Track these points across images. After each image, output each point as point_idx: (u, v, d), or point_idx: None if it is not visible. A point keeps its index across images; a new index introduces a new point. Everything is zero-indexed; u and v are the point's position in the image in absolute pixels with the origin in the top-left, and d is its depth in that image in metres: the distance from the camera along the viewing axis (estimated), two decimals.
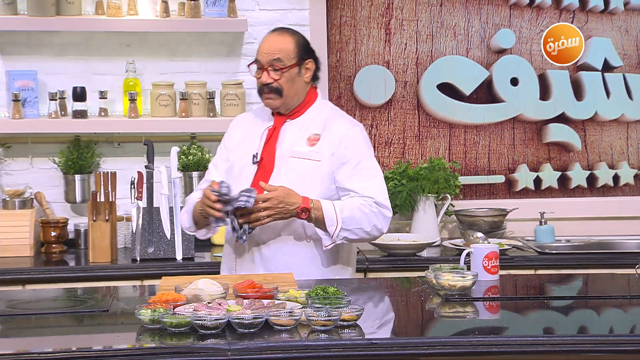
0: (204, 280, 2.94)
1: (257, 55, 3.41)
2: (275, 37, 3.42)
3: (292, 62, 3.37)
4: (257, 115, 3.53)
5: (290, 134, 3.41)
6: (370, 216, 3.31)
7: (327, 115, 3.45)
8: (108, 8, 4.41)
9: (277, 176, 3.36)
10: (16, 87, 4.36)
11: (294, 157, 3.37)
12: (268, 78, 3.37)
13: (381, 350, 2.50)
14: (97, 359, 2.46)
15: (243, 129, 3.51)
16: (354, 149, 3.38)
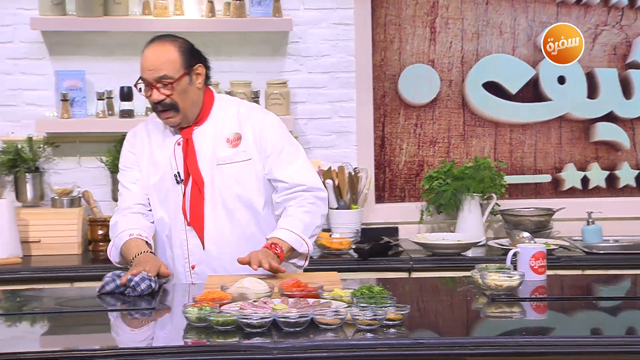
0: (249, 278, 2.96)
1: (141, 73, 3.18)
2: (155, 50, 3.18)
3: (180, 73, 3.16)
4: (158, 130, 3.30)
5: (207, 142, 3.26)
6: (314, 211, 3.28)
7: (236, 111, 3.31)
8: (155, 8, 4.44)
9: (211, 189, 3.23)
10: (64, 87, 4.41)
11: (221, 164, 3.25)
12: (159, 95, 3.16)
13: (427, 350, 2.48)
14: (144, 356, 2.48)
15: (148, 147, 3.29)
16: (274, 138, 3.29)
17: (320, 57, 4.67)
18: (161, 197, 3.28)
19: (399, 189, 4.77)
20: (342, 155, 4.70)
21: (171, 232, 3.29)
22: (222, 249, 3.25)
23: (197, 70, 3.23)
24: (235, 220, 3.27)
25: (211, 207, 3.25)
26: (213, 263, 3.26)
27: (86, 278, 4.02)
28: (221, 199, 3.25)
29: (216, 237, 3.25)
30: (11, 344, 2.63)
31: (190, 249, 3.26)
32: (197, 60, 3.24)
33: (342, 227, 4.50)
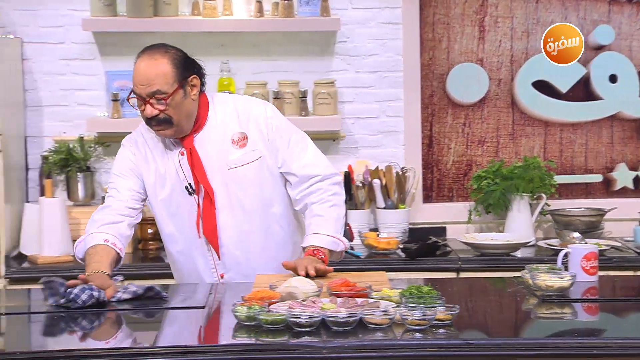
0: (298, 278, 2.96)
1: (133, 87, 3.07)
2: (147, 64, 3.05)
3: (173, 87, 3.04)
4: (156, 141, 3.19)
5: (211, 148, 3.17)
6: (338, 202, 3.25)
7: (233, 107, 3.21)
8: (204, 9, 4.47)
9: (227, 194, 3.17)
10: (115, 87, 4.46)
11: (233, 168, 3.17)
12: (153, 111, 3.05)
13: (477, 351, 2.46)
14: (194, 354, 2.50)
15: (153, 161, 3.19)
16: (279, 129, 3.22)
17: (368, 57, 4.66)
18: (172, 212, 3.21)
19: (446, 189, 4.75)
20: (389, 154, 4.69)
21: (189, 245, 3.23)
22: (248, 252, 3.23)
23: (192, 82, 3.12)
24: (256, 222, 3.23)
25: (230, 213, 3.19)
26: (241, 268, 3.24)
27: (136, 276, 4.04)
28: (239, 203, 3.20)
29: (241, 242, 3.22)
30: (64, 341, 2.67)
31: (216, 258, 3.23)
32: (191, 72, 3.12)
33: (389, 226, 4.49)
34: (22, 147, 4.51)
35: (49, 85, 4.54)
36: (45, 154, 4.49)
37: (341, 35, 4.62)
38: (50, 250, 4.16)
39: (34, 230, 4.23)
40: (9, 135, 4.23)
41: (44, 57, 4.53)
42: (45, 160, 4.48)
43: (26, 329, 2.80)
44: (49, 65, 4.53)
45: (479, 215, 4.66)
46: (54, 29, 4.52)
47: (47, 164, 4.45)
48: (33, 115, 4.56)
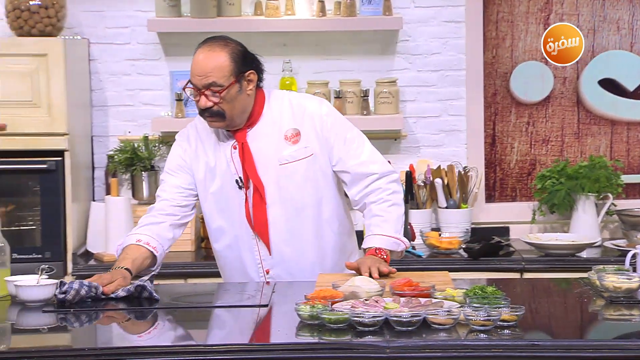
0: (360, 277, 2.96)
1: (191, 77, 3.08)
2: (205, 56, 3.05)
3: (229, 81, 3.05)
4: (209, 133, 3.19)
5: (264, 143, 3.16)
6: (396, 200, 3.22)
7: (289, 104, 3.19)
8: (266, 8, 4.50)
9: (277, 189, 3.16)
10: (179, 87, 4.50)
11: (284, 163, 3.16)
12: (207, 102, 3.06)
13: (544, 353, 2.43)
14: (257, 352, 2.51)
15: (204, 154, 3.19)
16: (334, 126, 3.20)
17: (430, 55, 4.64)
18: (221, 206, 3.20)
19: (509, 188, 4.70)
20: (451, 154, 4.66)
21: (236, 240, 3.23)
22: (296, 249, 3.22)
23: (249, 77, 3.12)
24: (306, 219, 3.22)
25: (281, 209, 3.19)
26: (288, 265, 3.23)
27: (200, 274, 4.10)
28: (290, 199, 3.19)
29: (289, 238, 3.21)
30: (127, 338, 2.70)
31: (263, 254, 3.23)
32: (249, 67, 3.12)
33: (451, 226, 4.46)
34: (88, 147, 4.58)
35: (115, 86, 4.61)
36: (111, 153, 4.56)
37: (403, 34, 4.61)
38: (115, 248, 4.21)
39: (100, 228, 4.29)
40: (76, 135, 4.31)
41: (110, 58, 4.60)
42: (110, 160, 4.55)
43: (92, 326, 2.84)
44: (115, 65, 4.60)
45: (543, 215, 4.60)
46: (120, 30, 4.59)
47: (113, 163, 4.51)
48: (99, 115, 4.63)
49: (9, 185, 4.19)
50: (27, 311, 2.90)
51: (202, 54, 3.08)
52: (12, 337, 2.73)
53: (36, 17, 4.20)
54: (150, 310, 2.92)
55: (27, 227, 4.19)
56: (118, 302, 2.95)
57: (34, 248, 4.16)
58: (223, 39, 3.14)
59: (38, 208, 4.17)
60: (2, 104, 4.12)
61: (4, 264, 3.09)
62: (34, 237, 4.18)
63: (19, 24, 4.21)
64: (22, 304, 2.95)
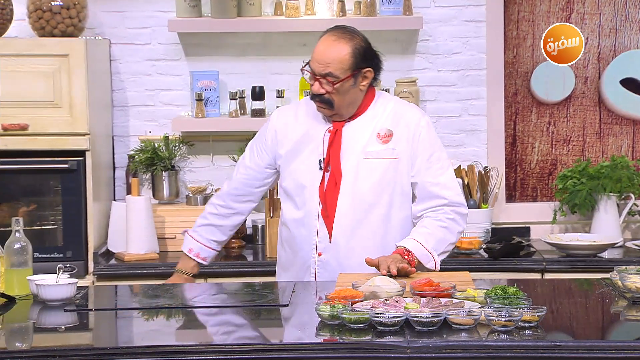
0: (381, 277, 2.95)
1: (311, 61, 3.17)
2: (329, 44, 3.14)
3: (346, 74, 3.13)
4: (307, 113, 3.29)
5: (358, 134, 3.23)
6: (451, 227, 3.24)
7: (392, 107, 3.27)
8: (286, 9, 4.50)
9: (353, 181, 3.21)
10: (199, 87, 4.51)
11: (369, 158, 3.22)
12: (319, 89, 3.16)
13: (565, 353, 2.42)
14: (278, 351, 2.51)
15: (295, 129, 3.30)
16: (427, 140, 3.24)
17: (451, 55, 4.62)
18: (300, 180, 3.27)
19: (530, 188, 4.68)
20: (471, 153, 4.65)
21: (302, 217, 3.28)
22: (351, 242, 3.24)
23: (365, 74, 3.20)
24: (370, 216, 3.24)
25: (350, 198, 3.23)
26: (339, 254, 3.25)
27: (219, 274, 4.11)
28: (361, 192, 3.23)
29: (348, 229, 3.24)
30: (148, 337, 2.71)
31: (320, 237, 3.26)
32: (368, 64, 3.19)
33: (472, 226, 4.44)
34: (109, 147, 4.60)
35: (136, 86, 4.63)
36: (132, 153, 4.57)
37: (423, 34, 4.60)
38: (136, 248, 4.24)
39: (121, 228, 4.31)
40: (97, 135, 4.32)
41: (131, 58, 4.61)
42: (131, 159, 4.56)
43: (113, 325, 2.85)
44: (136, 65, 4.62)
45: (564, 215, 4.58)
46: (140, 30, 4.60)
47: (133, 162, 4.53)
48: (120, 115, 4.65)
49: (31, 185, 4.21)
50: (49, 310, 2.92)
51: (326, 42, 3.16)
52: (34, 336, 2.74)
53: (58, 17, 4.22)
54: (172, 309, 2.93)
55: (48, 226, 4.21)
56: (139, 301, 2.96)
57: (56, 247, 4.18)
58: (350, 32, 3.20)
59: (59, 208, 4.19)
60: (24, 104, 4.14)
61: (26, 263, 3.11)
62: (56, 237, 4.20)
63: (41, 25, 4.24)
64: (44, 302, 2.97)
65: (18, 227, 3.09)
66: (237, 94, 4.54)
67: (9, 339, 2.71)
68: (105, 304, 3.10)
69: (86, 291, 3.16)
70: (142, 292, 3.24)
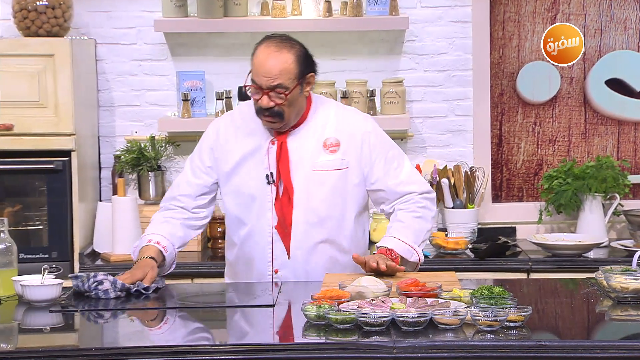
0: (367, 277, 2.96)
1: (253, 76, 3.07)
2: (273, 56, 3.05)
3: (294, 83, 3.07)
4: (246, 122, 3.21)
5: (304, 145, 3.17)
6: (425, 215, 3.24)
7: (334, 114, 3.22)
8: (273, 9, 4.50)
9: (305, 194, 3.15)
10: (185, 87, 4.51)
11: (318, 169, 3.17)
12: (269, 102, 3.07)
13: (551, 353, 2.43)
14: (264, 352, 2.51)
15: (236, 143, 3.20)
16: (377, 144, 3.22)
17: (437, 55, 4.63)
18: (244, 197, 3.19)
19: (516, 189, 4.70)
20: (458, 154, 4.66)
21: (252, 233, 3.22)
22: (308, 255, 3.21)
23: (309, 79, 3.15)
24: (324, 228, 3.21)
25: (302, 212, 3.18)
26: (297, 268, 3.22)
27: (206, 274, 4.11)
28: (313, 205, 3.19)
29: (304, 243, 3.20)
30: (134, 338, 2.71)
31: (276, 253, 3.22)
32: (310, 69, 3.15)
33: (458, 226, 4.46)
34: (95, 147, 4.59)
35: (122, 86, 4.62)
36: (118, 153, 4.56)
37: (410, 34, 4.60)
38: (122, 248, 4.22)
39: (107, 228, 4.30)
40: (83, 135, 4.31)
41: (117, 58, 4.60)
42: (117, 160, 4.55)
43: (98, 326, 2.84)
44: (122, 65, 4.61)
45: (550, 215, 4.60)
46: (126, 30, 4.59)
47: (119, 163, 4.52)
48: (106, 115, 4.64)
49: (16, 185, 4.20)
50: (34, 311, 2.91)
51: (268, 54, 3.07)
52: (19, 337, 2.73)
53: (43, 17, 4.21)
54: (158, 310, 2.92)
55: (34, 227, 4.20)
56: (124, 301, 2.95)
57: (41, 248, 4.17)
58: (288, 40, 3.13)
59: (45, 208, 4.18)
60: (9, 104, 4.13)
61: (11, 263, 3.09)
62: (41, 237, 4.19)
63: (26, 25, 4.22)
64: (29, 303, 2.96)
65: (3, 228, 3.08)
66: (223, 94, 4.53)
67: None
68: (91, 305, 3.09)
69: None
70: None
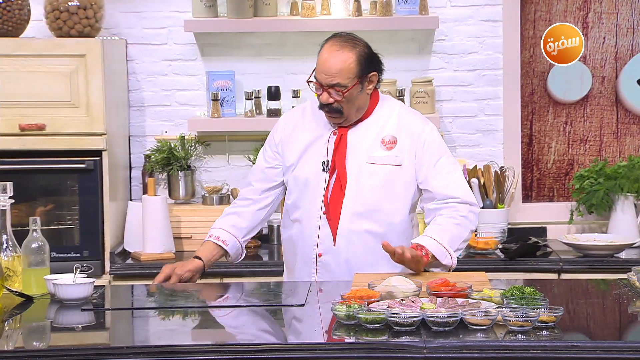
0: (397, 277, 2.95)
1: (316, 72, 3.19)
2: (334, 54, 3.15)
3: (353, 82, 3.16)
4: (314, 115, 3.32)
5: (362, 139, 3.26)
6: (464, 224, 3.24)
7: (397, 114, 3.30)
8: (302, 8, 4.50)
9: (356, 185, 3.23)
10: (215, 87, 4.52)
11: (372, 163, 3.24)
12: (328, 99, 3.18)
13: (583, 354, 2.41)
14: (294, 351, 2.51)
15: (302, 132, 3.32)
16: (432, 147, 3.27)
17: (467, 55, 4.62)
18: (302, 182, 3.29)
19: (547, 188, 4.67)
20: (488, 153, 4.64)
21: (303, 216, 3.30)
22: (352, 244, 3.25)
23: (370, 78, 3.23)
24: (372, 220, 3.25)
25: (352, 201, 3.25)
26: (340, 256, 3.26)
27: (234, 274, 4.12)
28: (363, 196, 3.25)
29: (349, 232, 3.25)
30: (165, 337, 2.72)
31: (322, 238, 3.27)
32: (373, 68, 3.23)
33: (488, 226, 4.43)
34: (125, 146, 4.62)
35: (152, 86, 4.64)
36: (148, 153, 4.59)
37: (439, 34, 4.59)
38: (152, 248, 4.25)
39: (137, 227, 4.32)
40: (114, 135, 4.34)
41: (148, 58, 4.63)
42: (147, 159, 4.58)
43: (130, 325, 2.86)
44: (152, 65, 4.63)
45: (581, 216, 4.56)
46: (157, 30, 4.62)
47: (150, 162, 4.54)
48: (136, 115, 4.66)
49: (48, 185, 4.23)
50: (66, 309, 2.93)
51: (331, 52, 3.16)
52: (51, 335, 2.75)
53: (75, 18, 4.24)
54: (187, 309, 2.93)
55: (65, 226, 4.23)
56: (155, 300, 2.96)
57: (73, 247, 4.20)
58: (352, 40, 3.21)
59: (76, 207, 4.21)
60: (41, 104, 4.16)
61: (44, 262, 3.12)
62: (73, 236, 4.22)
63: (58, 25, 4.26)
64: (61, 302, 2.98)
65: (35, 227, 3.11)
66: (252, 93, 4.54)
67: (27, 338, 2.72)
68: (122, 304, 3.11)
69: (103, 291, 3.17)
70: (158, 292, 3.24)
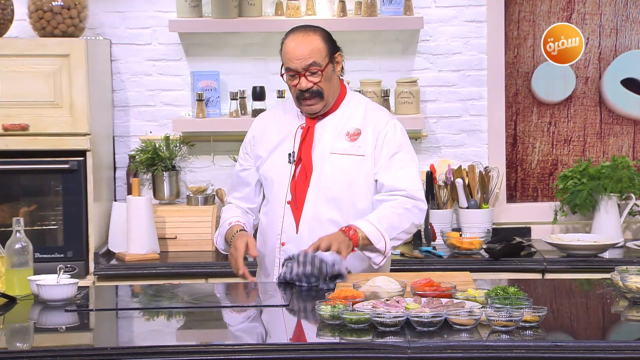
0: (381, 277, 2.96)
1: (287, 64, 3.27)
2: (302, 39, 3.27)
3: (325, 60, 3.27)
4: (285, 114, 3.43)
5: (328, 131, 3.34)
6: (406, 215, 3.25)
7: (364, 108, 3.37)
8: (287, 9, 4.50)
9: (319, 174, 3.30)
10: (200, 87, 4.52)
11: (335, 153, 3.31)
12: (307, 83, 3.25)
13: (566, 354, 2.43)
14: (278, 352, 2.52)
15: (273, 130, 3.41)
16: (392, 141, 3.31)
17: (451, 55, 4.63)
18: (271, 174, 3.37)
19: (531, 189, 4.68)
20: (472, 154, 4.65)
21: (270, 208, 3.37)
22: (314, 232, 3.27)
23: (337, 59, 3.33)
24: (333, 209, 3.29)
25: (315, 190, 3.29)
26: (302, 244, 3.27)
27: (220, 274, 4.11)
28: (326, 185, 3.30)
29: (311, 220, 3.29)
30: (149, 337, 2.71)
31: (285, 226, 3.31)
32: (337, 49, 3.35)
33: (472, 226, 4.45)
34: (110, 147, 4.60)
35: (136, 86, 4.63)
36: (132, 153, 4.57)
37: (424, 34, 4.60)
38: (137, 248, 4.24)
39: (122, 228, 4.31)
40: (98, 135, 4.32)
41: (132, 58, 4.62)
42: (132, 160, 4.56)
43: (114, 325, 2.85)
44: (137, 66, 4.62)
45: (565, 216, 4.58)
46: (141, 31, 4.60)
47: (134, 163, 4.53)
48: (120, 115, 4.65)
49: (32, 185, 4.21)
50: (49, 310, 2.92)
51: (297, 39, 3.28)
52: (35, 336, 2.75)
53: (58, 17, 4.22)
54: (171, 309, 2.93)
55: (49, 226, 4.22)
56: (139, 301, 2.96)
57: (56, 247, 4.18)
58: (311, 26, 3.35)
59: (60, 208, 4.19)
60: (24, 104, 4.14)
61: (27, 263, 3.11)
62: (56, 237, 4.21)
63: (42, 25, 4.24)
64: (44, 303, 2.97)
65: (19, 227, 3.09)
66: (237, 94, 4.54)
67: (10, 339, 2.71)
68: (106, 304, 3.10)
69: (87, 291, 3.16)
70: (142, 293, 3.24)
